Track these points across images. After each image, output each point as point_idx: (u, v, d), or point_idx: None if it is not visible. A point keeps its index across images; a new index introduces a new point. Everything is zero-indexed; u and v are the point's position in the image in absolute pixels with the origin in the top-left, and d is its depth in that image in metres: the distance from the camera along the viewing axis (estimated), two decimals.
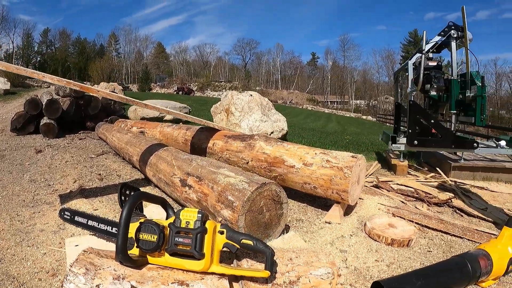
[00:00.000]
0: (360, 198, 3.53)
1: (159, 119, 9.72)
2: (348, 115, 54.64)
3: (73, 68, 72.14)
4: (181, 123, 6.37)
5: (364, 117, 55.67)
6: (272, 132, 6.45)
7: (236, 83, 75.38)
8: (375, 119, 50.45)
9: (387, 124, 32.30)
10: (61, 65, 69.34)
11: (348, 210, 3.23)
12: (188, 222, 1.50)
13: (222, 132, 4.28)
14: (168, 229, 1.52)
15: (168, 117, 10.03)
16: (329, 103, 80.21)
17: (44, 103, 6.99)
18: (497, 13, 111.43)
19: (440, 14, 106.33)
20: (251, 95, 6.74)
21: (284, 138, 6.92)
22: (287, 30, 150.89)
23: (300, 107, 60.08)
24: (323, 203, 3.44)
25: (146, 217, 1.71)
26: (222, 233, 1.55)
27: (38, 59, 74.86)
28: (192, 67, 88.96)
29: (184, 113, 10.73)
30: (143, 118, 9.64)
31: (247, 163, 3.61)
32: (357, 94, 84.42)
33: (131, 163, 4.57)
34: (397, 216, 3.16)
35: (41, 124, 6.79)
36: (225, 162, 3.81)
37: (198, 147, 4.41)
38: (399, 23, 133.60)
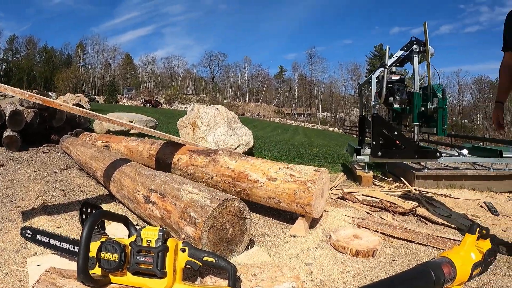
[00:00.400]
0: (325, 211, 3.54)
1: (125, 133, 9.58)
2: (315, 127, 55.45)
3: (38, 78, 70.67)
4: (146, 137, 6.30)
5: (330, 129, 56.65)
6: (238, 146, 6.44)
7: (203, 95, 75.63)
8: (341, 130, 51.33)
9: (354, 135, 32.88)
10: (26, 74, 67.89)
11: (313, 222, 3.24)
12: (150, 240, 1.49)
13: (187, 147, 4.26)
14: (130, 248, 1.50)
15: (134, 130, 9.91)
16: (296, 115, 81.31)
17: (7, 115, 6.78)
18: (459, 27, 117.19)
19: (405, 29, 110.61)
20: (217, 108, 6.73)
21: (250, 151, 6.92)
22: (255, 43, 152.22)
23: (268, 119, 60.61)
24: (288, 217, 3.43)
25: (108, 235, 1.69)
26: (184, 251, 1.54)
27: (3, 67, 72.90)
28: (160, 79, 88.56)
29: (150, 126, 10.67)
30: (108, 132, 9.50)
31: (212, 178, 3.60)
32: (324, 106, 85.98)
33: (95, 179, 4.47)
34: (362, 227, 3.21)
35: (4, 136, 6.57)
36: (190, 177, 3.79)
37: (163, 162, 4.37)
38: (365, 37, 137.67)
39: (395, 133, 4.97)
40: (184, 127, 6.84)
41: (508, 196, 5.04)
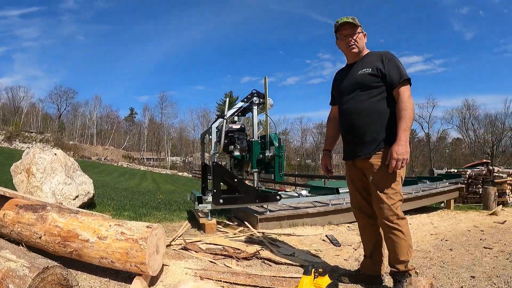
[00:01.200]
0: (166, 265, 3.43)
1: None
2: (164, 172, 55.17)
3: None
4: None
5: (180, 173, 56.85)
6: (77, 196, 6.01)
7: (48, 135, 69.92)
8: (191, 175, 51.77)
9: None
10: None
11: (154, 279, 3.10)
12: None
13: (14, 201, 3.77)
14: None
15: None
16: (145, 160, 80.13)
17: None
18: (304, 79, 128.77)
19: (255, 78, 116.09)
20: (55, 154, 6.24)
21: (90, 202, 6.55)
22: (107, 82, 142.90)
23: (116, 164, 58.84)
24: (127, 275, 3.18)
25: None
26: None
27: None
28: (2, 111, 79.09)
29: None
30: None
31: (40, 237, 3.24)
32: (174, 151, 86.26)
33: None
34: (205, 278, 3.18)
35: None
36: (17, 237, 3.40)
37: None
38: (217, 84, 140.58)
39: (235, 180, 5.16)
40: (19, 174, 6.17)
41: (348, 227, 5.58)
